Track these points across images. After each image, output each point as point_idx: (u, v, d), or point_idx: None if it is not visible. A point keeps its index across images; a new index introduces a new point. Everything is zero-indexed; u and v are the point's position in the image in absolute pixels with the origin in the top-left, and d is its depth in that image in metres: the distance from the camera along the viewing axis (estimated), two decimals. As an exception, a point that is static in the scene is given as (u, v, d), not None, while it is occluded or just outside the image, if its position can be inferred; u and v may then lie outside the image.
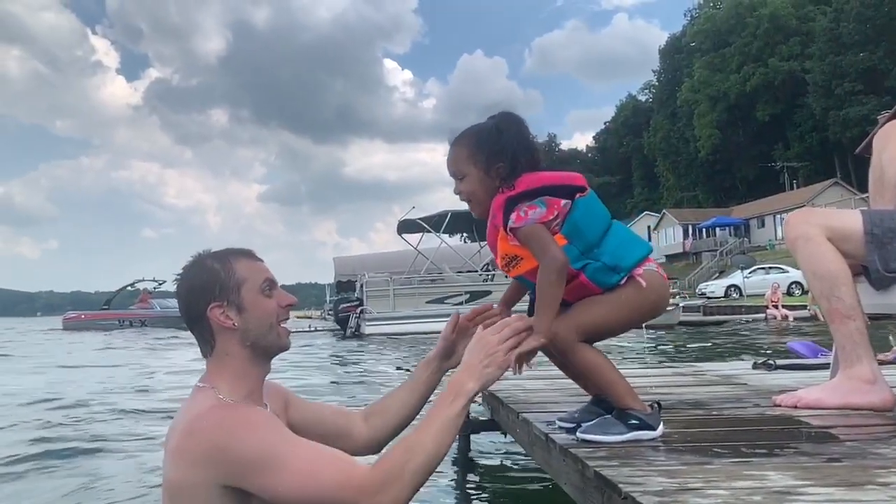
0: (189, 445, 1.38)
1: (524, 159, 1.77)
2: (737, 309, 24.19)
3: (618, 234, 1.80)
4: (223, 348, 1.54)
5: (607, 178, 78.79)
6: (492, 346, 1.58)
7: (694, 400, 2.73)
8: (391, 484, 1.37)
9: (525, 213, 1.69)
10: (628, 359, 9.66)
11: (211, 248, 1.64)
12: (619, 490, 1.45)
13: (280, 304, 1.59)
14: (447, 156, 1.84)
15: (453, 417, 1.50)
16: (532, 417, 2.39)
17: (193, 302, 1.54)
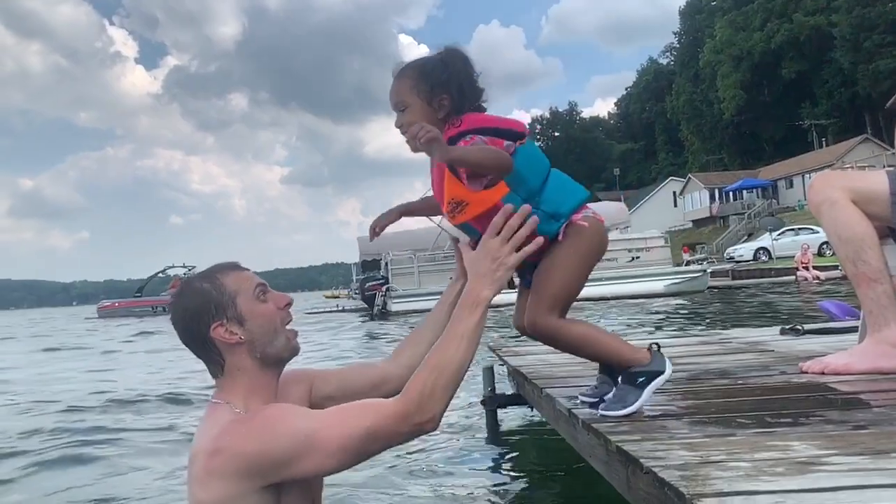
0: (217, 464, 1.39)
1: (470, 95, 1.73)
2: (766, 272, 23.87)
3: (556, 181, 1.76)
4: (234, 364, 1.54)
5: (630, 145, 77.82)
6: (496, 251, 1.58)
7: (719, 369, 2.70)
8: (425, 403, 1.42)
9: (472, 139, 1.65)
10: (653, 326, 9.61)
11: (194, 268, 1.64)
12: (641, 465, 1.45)
13: (278, 305, 1.59)
14: (390, 88, 1.77)
15: (474, 327, 1.52)
16: (555, 393, 2.39)
17: (194, 327, 1.54)
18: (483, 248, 1.60)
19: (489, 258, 1.58)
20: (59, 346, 14.87)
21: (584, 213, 1.78)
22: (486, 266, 1.57)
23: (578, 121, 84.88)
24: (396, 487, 3.00)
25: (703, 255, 34.40)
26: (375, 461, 3.40)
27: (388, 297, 18.60)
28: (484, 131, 1.67)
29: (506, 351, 3.90)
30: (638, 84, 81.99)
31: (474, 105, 1.74)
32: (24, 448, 4.15)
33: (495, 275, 1.58)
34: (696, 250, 35.93)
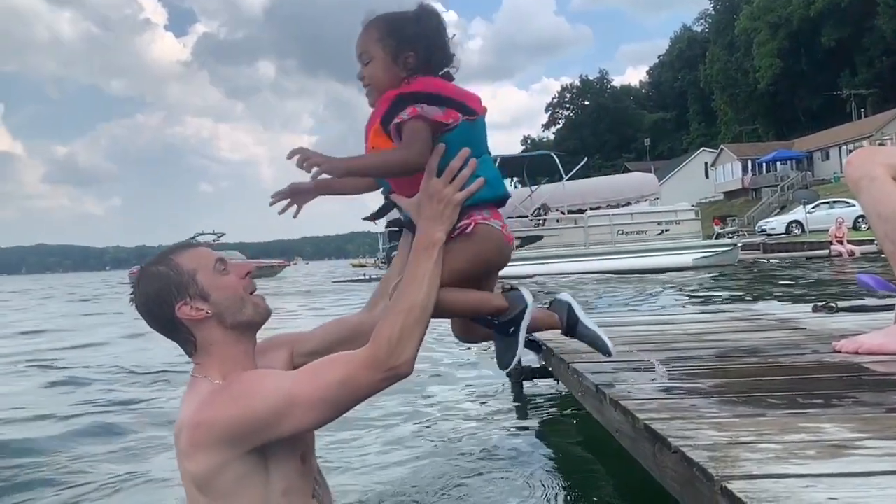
0: (200, 436, 1.43)
1: (436, 56, 1.68)
2: (798, 246, 23.46)
3: (484, 170, 1.67)
4: (205, 339, 1.57)
5: (662, 114, 76.45)
6: (439, 192, 1.58)
7: (749, 347, 2.68)
8: (393, 348, 1.45)
9: (419, 111, 1.58)
10: (679, 300, 9.53)
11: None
12: (669, 444, 1.45)
13: (239, 275, 1.62)
14: (357, 38, 1.72)
15: (431, 267, 1.55)
16: (582, 368, 2.38)
17: (158, 311, 1.56)
18: (426, 192, 1.59)
19: (434, 200, 1.58)
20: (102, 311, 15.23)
21: (493, 220, 1.70)
22: (434, 208, 1.58)
23: (609, 90, 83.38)
24: (417, 456, 3.04)
25: (734, 227, 33.88)
26: (400, 426, 3.45)
27: (415, 267, 18.68)
28: (434, 98, 1.61)
29: (532, 324, 3.91)
30: (670, 52, 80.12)
31: (441, 69, 1.69)
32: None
33: (443, 215, 1.59)
34: (727, 223, 35.40)
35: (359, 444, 3.23)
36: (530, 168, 22.16)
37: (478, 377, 4.68)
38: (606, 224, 18.98)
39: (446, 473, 2.74)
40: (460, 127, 1.63)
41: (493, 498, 2.48)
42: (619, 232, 18.85)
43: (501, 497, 2.48)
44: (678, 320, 3.92)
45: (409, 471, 2.83)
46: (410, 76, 1.66)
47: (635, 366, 2.41)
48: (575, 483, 2.61)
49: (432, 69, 1.67)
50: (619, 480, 2.55)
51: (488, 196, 1.68)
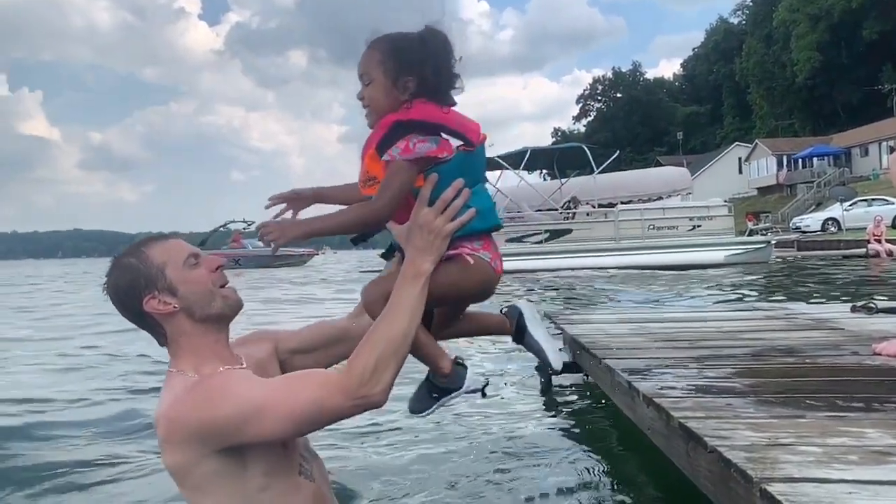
0: (174, 431, 1.46)
1: (438, 81, 1.64)
2: (835, 244, 22.95)
3: (478, 200, 1.65)
4: (175, 332, 1.59)
5: (696, 108, 75.24)
6: (430, 222, 1.56)
7: (786, 346, 2.63)
8: (368, 377, 1.43)
9: (414, 146, 1.56)
10: (711, 297, 9.40)
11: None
12: (705, 443, 1.44)
13: (209, 269, 1.62)
14: (360, 57, 1.70)
15: (415, 298, 1.53)
16: (614, 364, 2.37)
17: (127, 302, 1.58)
18: (416, 221, 1.57)
19: (425, 230, 1.56)
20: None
21: (483, 251, 1.68)
22: (423, 238, 1.56)
23: (642, 82, 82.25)
24: (446, 446, 3.05)
25: (767, 224, 33.28)
26: (425, 419, 3.45)
27: (442, 258, 18.66)
28: (430, 128, 1.60)
29: (562, 319, 3.88)
30: (706, 44, 78.69)
31: (443, 94, 1.66)
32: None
33: (433, 246, 1.56)
34: (761, 219, 34.79)
35: (383, 435, 3.25)
36: (561, 160, 21.98)
37: (504, 369, 4.67)
38: (637, 219, 18.77)
39: (473, 468, 2.74)
40: (456, 157, 1.61)
41: (520, 494, 2.48)
42: (649, 227, 18.62)
43: (529, 493, 2.47)
44: (711, 317, 3.87)
45: (435, 465, 2.83)
46: (410, 100, 1.64)
47: (668, 363, 2.39)
48: (603, 480, 2.60)
49: (433, 94, 1.65)
50: (650, 478, 2.53)
51: (480, 227, 1.66)
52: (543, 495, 2.43)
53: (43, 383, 4.94)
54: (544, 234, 18.63)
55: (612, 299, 9.35)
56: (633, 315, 4.08)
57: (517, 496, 2.45)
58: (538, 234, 18.64)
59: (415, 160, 1.56)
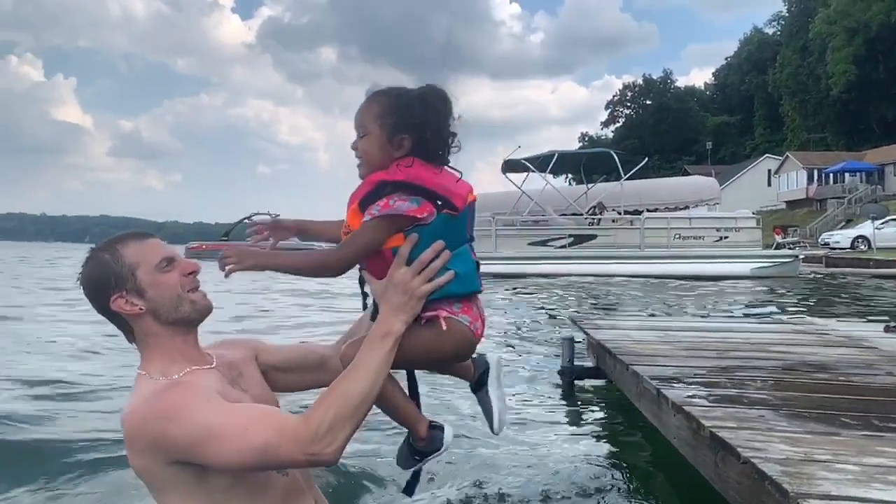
0: (133, 437, 1.46)
1: (434, 142, 1.62)
2: (864, 262, 22.53)
3: (459, 263, 1.62)
4: (141, 331, 1.59)
5: (726, 118, 74.33)
6: (406, 283, 1.54)
7: (818, 362, 2.58)
8: (323, 435, 1.40)
9: (393, 203, 1.55)
10: (738, 309, 9.27)
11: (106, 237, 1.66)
12: (738, 454, 1.41)
13: (182, 273, 1.61)
14: (359, 106, 1.69)
15: (382, 359, 1.50)
16: (642, 371, 2.34)
17: (96, 298, 1.58)
18: (392, 280, 1.55)
19: (400, 290, 1.54)
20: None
21: (462, 315, 1.63)
22: (398, 298, 1.54)
23: (672, 90, 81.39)
24: (466, 449, 3.03)
25: (795, 238, 32.80)
26: (454, 416, 3.44)
27: (464, 259, 18.63)
28: (416, 190, 1.57)
29: (587, 324, 3.85)
30: (739, 54, 77.72)
31: (437, 155, 1.63)
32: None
33: (407, 306, 1.54)
34: (789, 233, 34.29)
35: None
36: (588, 165, 21.86)
37: (526, 367, 4.64)
38: (663, 227, 18.59)
39: (493, 474, 2.72)
40: (438, 219, 1.59)
41: (539, 499, 2.45)
42: (675, 236, 18.43)
43: (551, 499, 2.45)
44: (739, 328, 3.81)
45: (459, 468, 2.81)
46: (403, 158, 1.62)
47: (697, 372, 2.35)
48: (626, 487, 2.57)
49: (427, 155, 1.62)
50: (672, 487, 2.50)
51: (458, 291, 1.62)
52: (564, 499, 2.41)
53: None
54: (568, 238, 18.53)
55: (636, 306, 9.28)
56: (658, 322, 4.05)
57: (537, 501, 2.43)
58: (562, 239, 18.55)
59: (391, 217, 1.55)
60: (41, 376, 4.43)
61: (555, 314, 8.51)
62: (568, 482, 2.59)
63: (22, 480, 2.65)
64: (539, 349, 5.46)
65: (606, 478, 2.63)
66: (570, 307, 8.77)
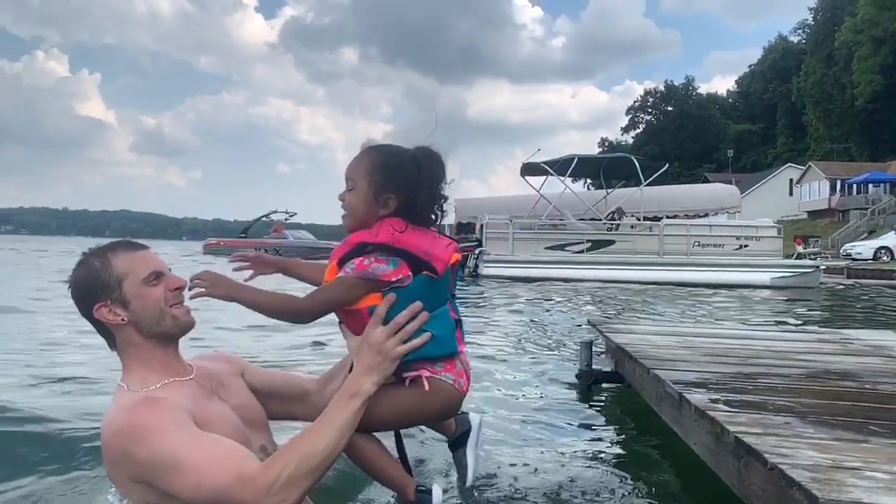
0: (105, 447, 1.51)
1: (420, 205, 1.63)
2: (887, 273, 22.21)
3: (436, 325, 1.63)
4: (122, 341, 1.62)
5: (748, 126, 73.67)
6: (380, 343, 1.54)
7: (842, 370, 2.54)
8: (282, 487, 1.40)
9: (368, 265, 1.57)
10: (760, 317, 9.17)
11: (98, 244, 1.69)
12: (765, 460, 1.38)
13: (168, 288, 1.63)
14: (354, 158, 1.71)
15: (349, 418, 1.50)
16: (664, 375, 2.31)
17: (81, 303, 1.62)
18: (367, 339, 1.55)
19: (374, 350, 1.54)
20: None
21: (445, 374, 1.65)
22: (371, 358, 1.54)
23: (694, 96, 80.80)
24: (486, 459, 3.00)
25: (816, 248, 32.41)
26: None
27: (480, 261, 18.61)
28: (394, 251, 1.58)
29: (607, 328, 3.82)
30: (763, 62, 77.02)
31: (423, 217, 1.65)
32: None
33: (380, 367, 1.54)
34: (809, 243, 33.88)
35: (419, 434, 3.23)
36: (607, 170, 21.73)
37: (543, 375, 4.61)
38: (683, 234, 18.44)
39: (507, 476, 2.69)
40: (417, 280, 1.60)
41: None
42: (695, 243, 18.27)
43: (567, 502, 2.42)
44: (760, 336, 3.76)
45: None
46: (388, 217, 1.63)
47: (719, 377, 2.32)
48: (644, 493, 2.53)
49: (414, 216, 1.64)
50: (693, 493, 2.46)
51: (434, 353, 1.63)
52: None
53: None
54: (586, 243, 18.43)
55: (654, 312, 9.21)
56: (678, 328, 4.00)
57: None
58: (580, 244, 18.46)
59: (364, 278, 1.56)
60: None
61: (572, 318, 8.47)
62: (584, 486, 2.56)
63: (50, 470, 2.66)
64: (556, 352, 5.42)
65: (623, 483, 2.60)
66: (588, 312, 8.70)
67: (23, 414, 3.03)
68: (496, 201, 24.68)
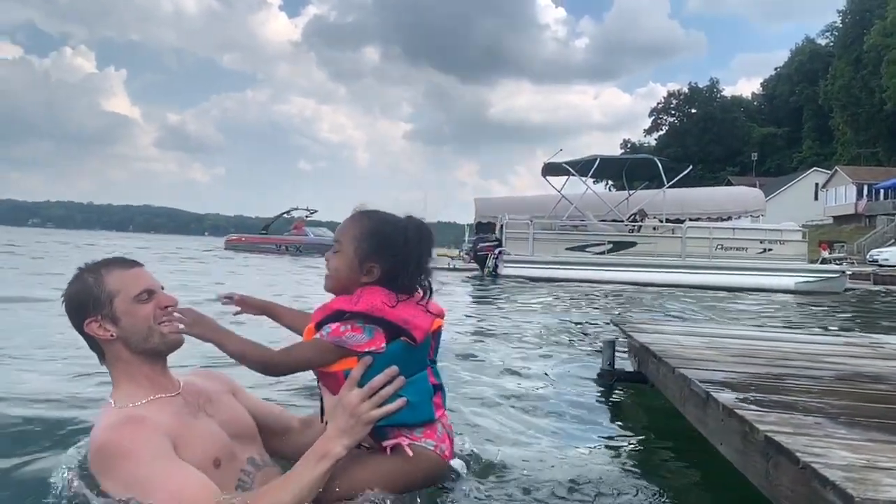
0: (90, 461, 1.55)
1: (404, 277, 1.63)
2: (914, 280, 21.83)
3: (414, 391, 1.62)
4: (111, 356, 1.66)
5: (773, 129, 72.82)
6: (354, 406, 1.53)
7: (874, 374, 2.50)
8: None
9: (343, 332, 1.57)
10: (784, 321, 9.05)
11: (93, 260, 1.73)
12: (797, 458, 1.36)
13: (159, 306, 1.66)
14: (344, 221, 1.72)
15: (316, 479, 1.49)
16: (691, 374, 2.28)
17: (73, 317, 1.66)
18: (341, 401, 1.55)
19: (347, 412, 1.53)
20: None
21: (426, 439, 1.64)
22: (344, 419, 1.53)
23: (718, 99, 79.98)
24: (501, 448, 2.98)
25: (842, 254, 31.96)
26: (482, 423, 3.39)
27: (500, 260, 18.57)
28: (373, 319, 1.58)
29: (630, 327, 3.78)
30: (789, 64, 76.05)
31: (405, 288, 1.65)
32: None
33: (353, 430, 1.53)
34: (835, 248, 33.41)
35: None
36: (630, 171, 21.60)
37: (565, 374, 4.58)
38: (706, 237, 18.27)
39: (525, 476, 2.66)
40: (394, 346, 1.60)
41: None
42: (717, 246, 18.10)
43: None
44: (788, 338, 3.71)
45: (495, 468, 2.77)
46: (370, 284, 1.63)
47: (747, 378, 2.29)
48: (668, 493, 2.50)
49: (396, 285, 1.64)
50: (717, 494, 2.43)
51: (409, 420, 1.62)
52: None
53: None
54: (607, 244, 18.33)
55: (677, 314, 9.13)
56: (704, 329, 3.96)
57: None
58: (601, 245, 18.36)
59: (337, 345, 1.57)
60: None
61: (593, 319, 8.42)
62: (605, 485, 2.54)
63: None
64: (577, 352, 5.39)
65: (645, 483, 2.57)
66: (609, 313, 8.63)
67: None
68: (516, 201, 24.62)
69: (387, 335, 1.59)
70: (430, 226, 1.71)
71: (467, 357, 4.82)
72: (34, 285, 9.41)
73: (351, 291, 1.64)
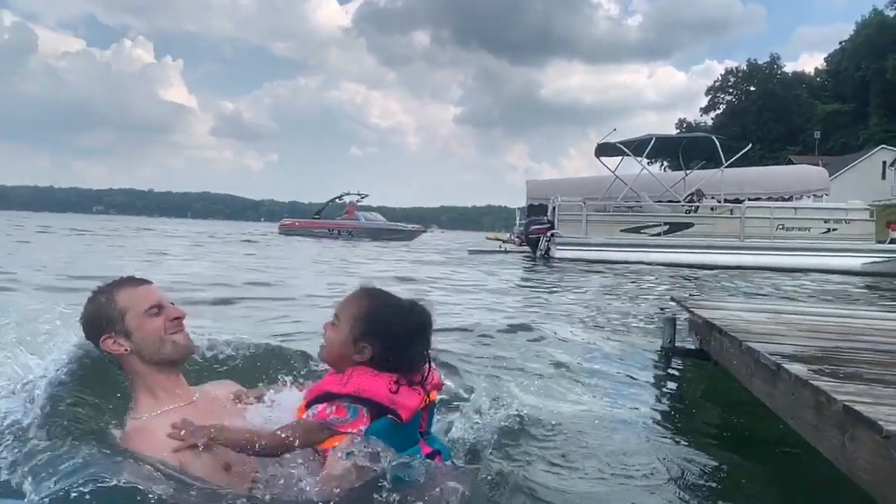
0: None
1: (397, 361, 1.65)
2: None
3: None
4: (128, 370, 1.79)
5: (837, 106, 69.83)
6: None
7: (955, 349, 2.38)
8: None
9: (329, 414, 1.61)
10: (852, 302, 8.73)
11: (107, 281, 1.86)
12: (880, 428, 1.31)
13: (168, 318, 1.79)
14: (346, 296, 1.76)
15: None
16: (759, 347, 2.23)
17: (89, 335, 1.81)
18: (330, 474, 1.60)
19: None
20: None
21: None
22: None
23: (779, 75, 77.11)
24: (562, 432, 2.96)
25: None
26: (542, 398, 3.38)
27: (553, 243, 18.39)
28: (360, 400, 1.62)
29: (692, 303, 3.71)
30: (855, 38, 72.62)
31: (397, 370, 1.66)
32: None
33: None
34: (904, 229, 31.93)
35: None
36: (686, 151, 21.04)
37: (624, 353, 4.53)
38: (766, 217, 17.72)
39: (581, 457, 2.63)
40: (380, 423, 1.63)
41: (638, 490, 2.34)
42: (779, 227, 17.53)
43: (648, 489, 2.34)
44: (859, 314, 3.58)
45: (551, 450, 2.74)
46: (361, 363, 1.67)
47: (817, 351, 2.22)
48: (739, 470, 2.44)
49: (387, 367, 1.66)
50: (787, 469, 2.37)
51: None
52: (658, 492, 2.31)
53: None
54: (663, 226, 17.96)
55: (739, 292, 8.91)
56: (769, 305, 3.84)
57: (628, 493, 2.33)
58: (657, 226, 18.00)
59: (321, 426, 1.62)
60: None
61: (650, 299, 8.29)
62: (668, 461, 2.50)
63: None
64: (636, 330, 5.33)
65: (709, 459, 2.52)
66: (667, 293, 8.48)
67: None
68: (569, 182, 24.32)
69: (372, 414, 1.65)
70: (431, 308, 1.75)
71: (528, 331, 4.83)
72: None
73: (343, 366, 1.70)
